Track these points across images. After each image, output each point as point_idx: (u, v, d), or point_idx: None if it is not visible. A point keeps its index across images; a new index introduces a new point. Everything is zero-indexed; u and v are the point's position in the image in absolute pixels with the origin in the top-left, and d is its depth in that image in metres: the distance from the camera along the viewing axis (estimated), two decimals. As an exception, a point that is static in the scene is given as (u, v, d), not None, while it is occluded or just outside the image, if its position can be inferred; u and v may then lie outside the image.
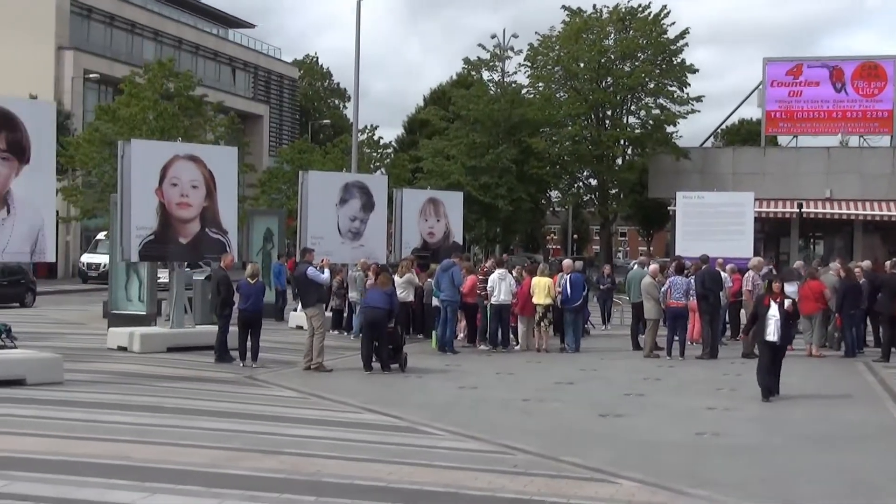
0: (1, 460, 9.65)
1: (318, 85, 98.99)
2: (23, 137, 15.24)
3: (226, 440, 11.02)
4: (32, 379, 14.95)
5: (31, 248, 15.52)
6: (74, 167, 38.82)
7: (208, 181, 20.37)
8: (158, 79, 36.46)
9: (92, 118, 47.16)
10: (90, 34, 63.23)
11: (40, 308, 32.21)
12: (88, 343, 21.31)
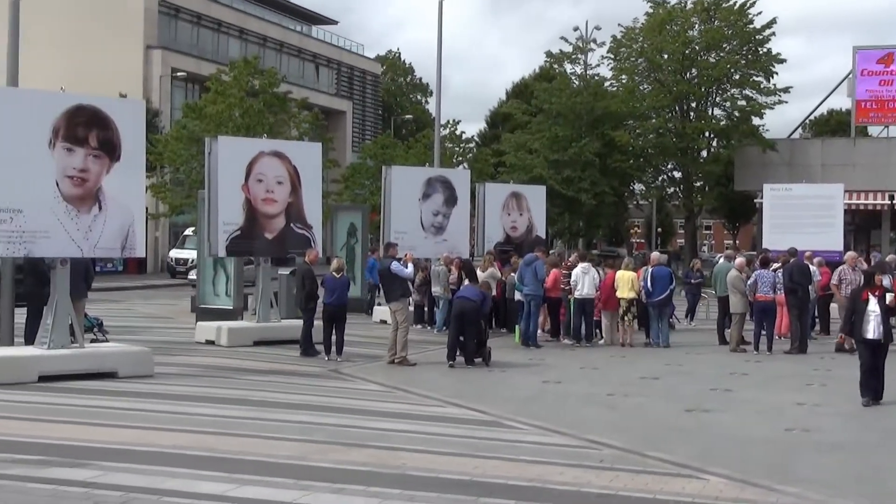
0: (94, 451, 9.86)
1: (401, 80, 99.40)
2: (114, 135, 15.53)
3: (312, 433, 11.12)
4: (124, 372, 15.26)
5: (122, 243, 15.81)
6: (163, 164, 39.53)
7: (293, 177, 20.58)
8: (244, 76, 36.94)
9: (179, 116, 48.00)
10: (178, 33, 64.31)
11: (130, 302, 32.84)
12: (177, 337, 21.69)
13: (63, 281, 15.33)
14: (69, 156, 15.13)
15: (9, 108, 14.90)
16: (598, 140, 49.16)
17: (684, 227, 60.38)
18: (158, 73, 59.99)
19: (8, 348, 16.12)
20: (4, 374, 14.28)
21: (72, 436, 10.62)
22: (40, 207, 14.84)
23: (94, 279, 18.98)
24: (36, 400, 13.04)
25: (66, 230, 15.09)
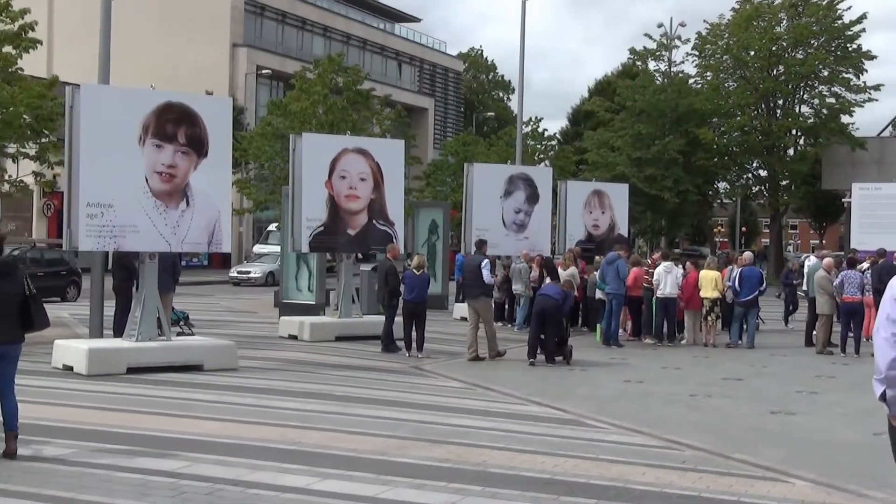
0: (181, 442, 10.04)
1: (483, 77, 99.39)
2: (201, 132, 15.79)
3: (393, 428, 11.19)
4: (209, 365, 15.52)
5: (208, 238, 16.08)
6: (248, 160, 39.98)
7: (376, 174, 20.73)
8: (328, 74, 37.20)
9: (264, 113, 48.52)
10: (263, 31, 65.11)
11: (215, 297, 33.36)
12: (260, 331, 21.97)
13: (151, 275, 15.62)
14: (158, 152, 15.43)
15: (100, 105, 15.23)
16: (681, 138, 48.65)
17: (769, 227, 59.38)
18: (244, 70, 60.82)
19: (98, 340, 16.49)
20: (95, 365, 14.62)
21: (159, 427, 10.82)
22: (130, 203, 15.15)
23: (180, 274, 19.31)
24: (124, 391, 13.31)
25: (154, 225, 15.38)
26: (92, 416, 11.47)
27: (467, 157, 51.51)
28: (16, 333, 9.19)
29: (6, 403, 9.13)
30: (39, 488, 8.05)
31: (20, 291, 9.15)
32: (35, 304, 9.22)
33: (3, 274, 9.07)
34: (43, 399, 12.16)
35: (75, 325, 20.85)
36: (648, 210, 48.86)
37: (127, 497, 7.90)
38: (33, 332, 9.51)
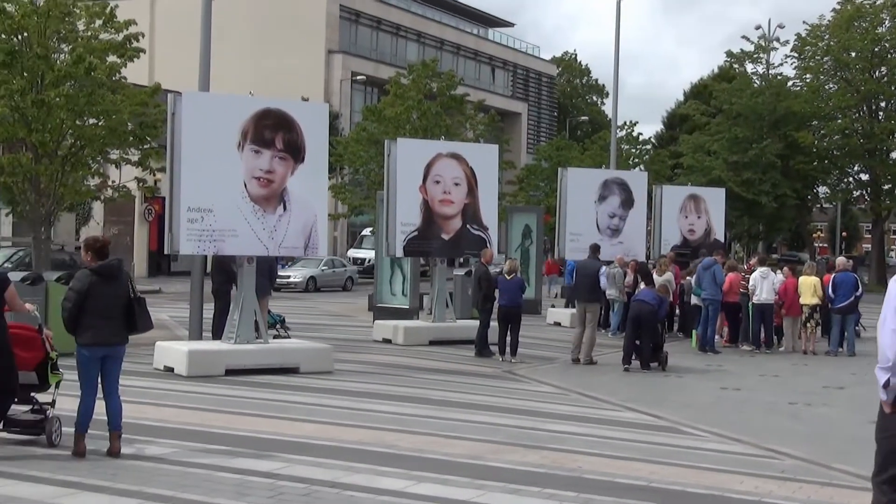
0: (278, 443, 10.18)
1: (576, 81, 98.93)
2: (298, 138, 16.00)
3: (487, 433, 11.19)
4: (305, 367, 15.70)
5: (305, 242, 16.27)
6: (343, 165, 40.42)
7: (470, 178, 20.77)
8: (422, 79, 37.46)
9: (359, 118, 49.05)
10: (357, 38, 65.77)
11: (311, 301, 33.73)
12: (355, 335, 22.16)
13: (249, 278, 15.86)
14: (256, 157, 15.67)
15: (201, 112, 15.53)
16: (779, 141, 47.81)
17: (871, 232, 58.00)
18: (339, 76, 61.50)
19: (197, 342, 16.80)
20: (194, 367, 14.90)
21: (256, 428, 10.98)
22: (229, 207, 15.41)
23: (277, 277, 19.57)
24: (223, 392, 13.54)
25: (252, 229, 15.62)
26: (192, 416, 11.70)
27: (561, 161, 51.29)
28: (121, 335, 9.43)
29: (111, 403, 9.36)
30: (142, 486, 8.24)
31: (125, 294, 9.39)
32: (139, 307, 9.46)
33: (108, 277, 9.30)
34: (145, 399, 12.43)
35: (175, 328, 21.27)
36: (745, 215, 48.09)
37: (226, 496, 8.03)
38: (137, 334, 9.75)
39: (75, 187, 20.78)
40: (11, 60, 18.83)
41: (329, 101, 56.50)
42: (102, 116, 19.91)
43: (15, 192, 19.92)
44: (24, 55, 18.96)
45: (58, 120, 19.19)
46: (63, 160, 19.94)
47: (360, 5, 65.72)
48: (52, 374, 9.56)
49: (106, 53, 19.97)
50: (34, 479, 8.34)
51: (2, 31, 18.97)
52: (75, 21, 20.20)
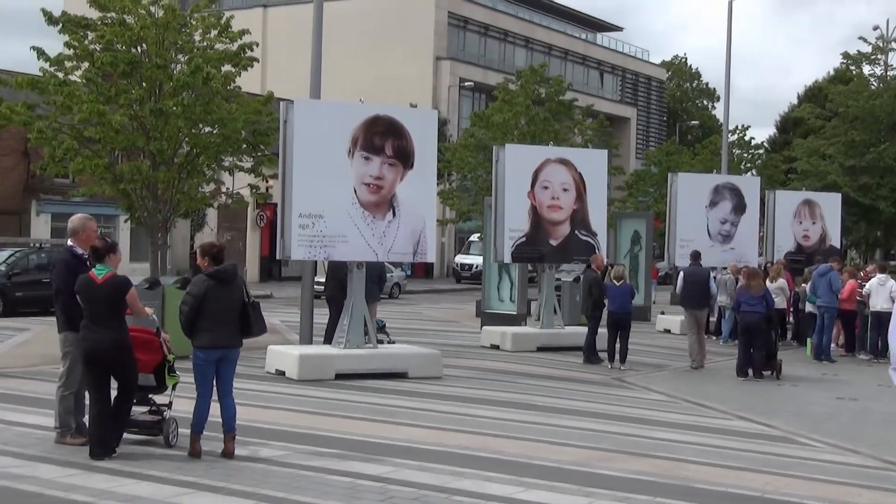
0: (387, 447, 10.26)
1: (686, 85, 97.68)
2: (408, 144, 16.12)
3: (596, 440, 11.12)
4: (414, 373, 15.80)
5: (414, 248, 16.39)
6: (451, 172, 40.58)
7: (578, 184, 20.66)
8: (530, 85, 37.43)
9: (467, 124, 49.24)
10: (466, 44, 66.01)
11: (419, 306, 33.92)
12: (463, 340, 22.21)
13: (359, 284, 16.03)
14: (366, 164, 15.84)
15: (312, 119, 15.77)
16: (898, 145, 46.37)
17: None
18: (447, 83, 61.82)
19: (308, 347, 17.05)
20: (305, 371, 15.12)
21: (366, 432, 11.09)
22: (339, 213, 15.60)
23: (385, 283, 19.72)
24: (333, 396, 13.71)
25: (362, 235, 15.79)
26: (303, 419, 11.87)
27: (671, 166, 50.69)
28: (235, 339, 9.62)
29: (225, 405, 9.56)
30: (256, 487, 8.39)
31: (240, 298, 9.58)
32: (254, 312, 9.65)
33: (223, 282, 9.51)
34: (257, 402, 12.66)
35: (286, 332, 21.61)
36: (862, 220, 46.77)
37: (338, 499, 8.14)
38: (251, 338, 9.94)
39: (191, 194, 21.26)
40: (131, 71, 19.35)
41: (437, 107, 56.83)
42: (218, 125, 20.33)
43: (133, 198, 20.44)
44: (143, 65, 19.48)
45: (175, 128, 19.66)
46: (179, 168, 20.41)
47: (468, 12, 65.99)
48: (170, 377, 9.81)
49: (221, 63, 20.39)
50: (153, 479, 8.56)
51: (122, 43, 19.51)
52: (192, 32, 20.67)
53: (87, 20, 20.24)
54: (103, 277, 9.28)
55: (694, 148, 62.05)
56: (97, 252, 9.42)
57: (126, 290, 9.37)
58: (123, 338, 9.32)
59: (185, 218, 32.00)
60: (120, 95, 19.29)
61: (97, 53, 19.51)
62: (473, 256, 48.73)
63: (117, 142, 19.64)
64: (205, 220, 46.29)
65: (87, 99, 19.15)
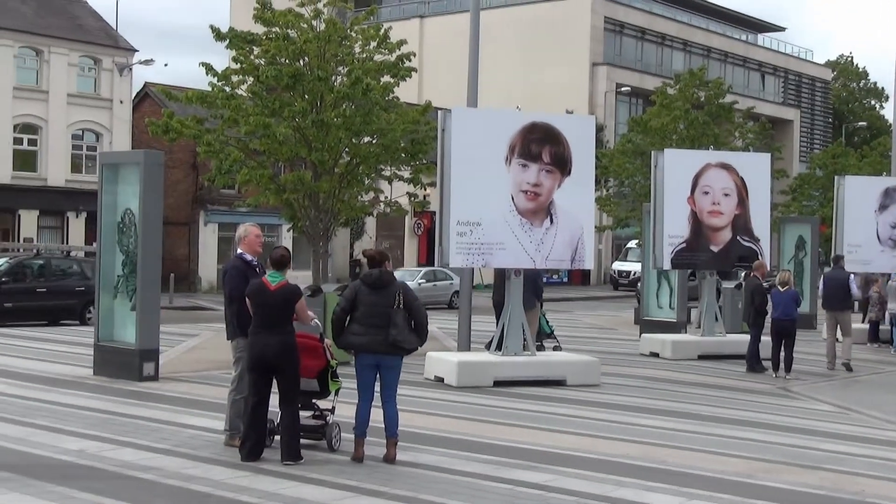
0: (546, 455, 10.24)
1: (853, 85, 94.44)
2: (565, 151, 16.06)
3: (760, 451, 10.84)
4: (572, 380, 15.71)
5: (571, 255, 16.31)
6: (608, 178, 40.22)
7: (740, 189, 20.21)
8: (689, 88, 36.81)
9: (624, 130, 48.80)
10: (622, 49, 65.44)
11: (575, 313, 33.71)
12: (621, 348, 21.98)
13: (517, 291, 16.04)
14: (524, 171, 15.85)
15: (470, 127, 15.88)
16: None
17: None
18: (603, 88, 61.39)
19: (466, 353, 17.15)
20: (464, 377, 15.22)
21: (525, 439, 11.09)
22: (497, 221, 15.65)
23: (542, 290, 19.69)
24: (491, 403, 13.75)
25: (519, 242, 15.80)
26: (462, 426, 11.95)
27: (837, 169, 49.06)
28: (389, 345, 9.69)
29: (387, 411, 9.70)
30: (416, 492, 8.49)
31: (391, 304, 9.66)
32: (399, 321, 9.67)
33: (375, 287, 9.64)
34: (416, 408, 12.79)
35: (444, 339, 21.78)
36: None
37: (497, 506, 8.16)
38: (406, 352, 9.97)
39: (351, 203, 21.64)
40: (294, 84, 19.84)
41: (593, 113, 56.48)
42: (377, 135, 20.67)
43: (296, 208, 20.92)
44: (305, 78, 19.93)
45: (336, 139, 20.04)
46: (340, 177, 20.81)
47: (624, 16, 65.41)
48: (332, 382, 10.02)
49: (380, 74, 20.73)
50: (316, 482, 8.76)
51: (286, 57, 20.02)
52: (352, 44, 21.07)
53: (253, 35, 20.85)
54: (276, 285, 9.54)
55: (861, 150, 59.94)
56: (278, 261, 9.69)
57: (297, 298, 9.62)
58: (292, 342, 9.57)
59: (345, 227, 32.60)
60: (284, 108, 19.80)
61: (262, 67, 20.08)
62: (631, 263, 48.21)
63: (281, 153, 20.17)
64: (364, 229, 47.15)
65: (252, 112, 19.73)
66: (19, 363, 16.58)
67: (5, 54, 39.60)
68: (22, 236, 39.88)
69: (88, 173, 41.12)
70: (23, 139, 40.67)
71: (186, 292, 40.69)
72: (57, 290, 25.86)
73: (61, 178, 41.23)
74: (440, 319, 26.62)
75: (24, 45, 40.44)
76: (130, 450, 9.83)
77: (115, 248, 15.24)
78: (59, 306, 25.63)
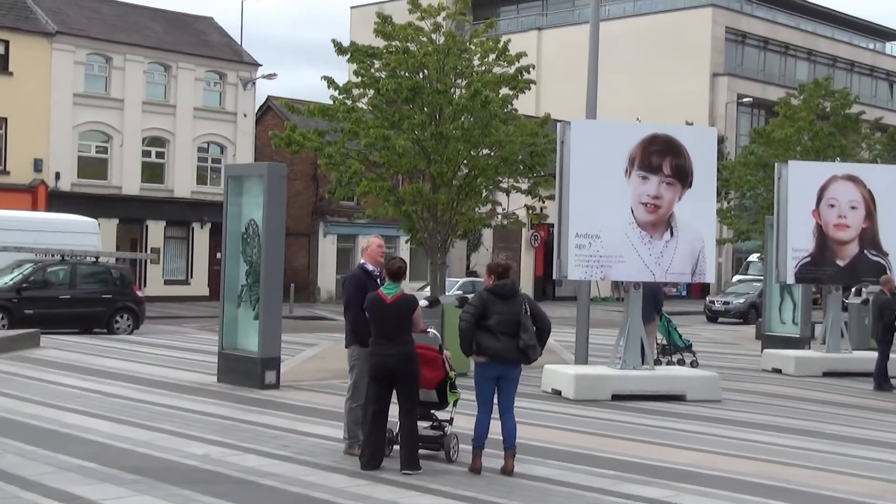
0: (665, 470, 10.10)
1: None
2: (686, 163, 15.85)
3: (889, 472, 10.53)
4: (692, 395, 15.47)
5: (692, 268, 16.08)
6: (728, 190, 39.56)
7: (868, 201, 19.68)
8: (814, 99, 36.00)
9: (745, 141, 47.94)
10: (744, 59, 64.37)
11: (694, 328, 33.10)
12: (742, 363, 21.59)
13: (636, 305, 15.88)
14: (644, 183, 15.70)
15: (589, 139, 15.80)
16: None
17: None
18: (724, 99, 60.45)
19: (584, 367, 17.04)
20: (581, 391, 15.13)
21: (644, 454, 10.96)
22: (616, 233, 15.53)
23: (662, 304, 19.48)
24: (609, 417, 13.64)
25: (639, 255, 15.64)
26: (579, 439, 11.88)
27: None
28: (516, 356, 9.69)
29: (506, 422, 9.69)
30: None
31: (518, 314, 9.66)
32: (526, 330, 9.68)
33: (503, 297, 9.65)
34: (534, 420, 12.75)
35: (561, 352, 21.67)
36: None
37: (616, 521, 8.09)
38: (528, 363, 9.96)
39: (468, 215, 21.75)
40: (413, 96, 20.05)
41: (714, 124, 55.63)
42: (496, 147, 20.75)
43: (415, 220, 21.11)
44: (424, 91, 20.14)
45: (454, 151, 20.17)
46: (458, 189, 20.93)
47: (746, 26, 64.32)
48: (451, 393, 10.05)
49: (499, 86, 20.81)
50: (435, 492, 8.80)
51: (406, 70, 20.26)
52: (471, 57, 21.20)
53: (374, 49, 21.15)
54: (393, 296, 9.64)
55: None
56: (395, 272, 9.79)
57: (413, 309, 9.70)
58: (411, 352, 9.64)
59: (463, 238, 32.78)
60: (403, 120, 20.02)
61: (382, 80, 20.34)
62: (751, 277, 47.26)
63: (400, 165, 20.39)
64: (480, 241, 47.25)
65: (372, 124, 20.01)
66: (147, 369, 17.08)
67: (135, 70, 40.88)
68: (149, 246, 41.06)
69: (213, 185, 42.18)
70: (151, 152, 41.89)
71: (306, 302, 41.38)
72: (82, 297, 25.02)
73: (187, 189, 42.35)
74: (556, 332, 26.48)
75: (153, 61, 41.67)
76: (253, 456, 10.03)
77: (238, 258, 15.58)
78: (85, 314, 24.67)
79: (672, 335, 19.71)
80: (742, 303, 38.56)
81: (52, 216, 32.01)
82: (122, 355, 19.16)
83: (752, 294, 37.48)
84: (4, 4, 38.81)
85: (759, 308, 32.59)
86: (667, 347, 19.65)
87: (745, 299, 38.55)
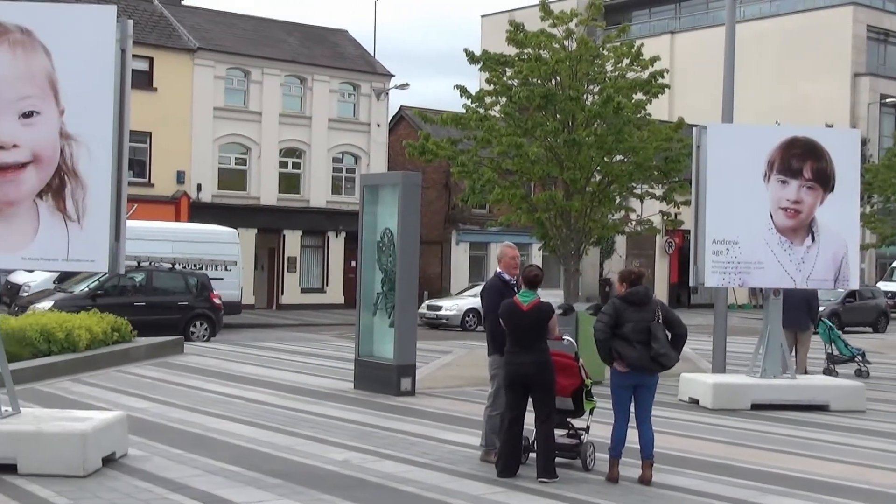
0: (807, 482, 9.86)
1: None
2: (827, 166, 15.42)
3: None
4: (836, 405, 15.04)
5: (835, 274, 15.64)
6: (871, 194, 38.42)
7: None
8: (962, 98, 34.80)
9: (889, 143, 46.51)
10: (887, 58, 62.36)
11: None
12: (888, 373, 20.87)
13: (775, 312, 15.53)
14: (783, 188, 15.33)
15: (726, 143, 15.52)
16: None
17: None
18: (866, 100, 58.67)
19: (722, 375, 16.72)
20: (720, 400, 14.85)
21: (785, 465, 10.71)
22: (754, 239, 15.20)
23: (818, 311, 19.00)
24: (748, 427, 13.35)
25: (778, 261, 15.28)
26: (717, 448, 11.66)
27: None
28: (649, 362, 9.59)
29: (643, 432, 9.60)
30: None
31: (653, 320, 9.56)
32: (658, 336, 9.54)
33: (636, 304, 9.57)
34: (671, 429, 12.58)
35: (698, 360, 21.29)
36: None
37: (758, 533, 7.92)
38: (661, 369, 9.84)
39: (602, 222, 21.61)
40: (546, 104, 20.04)
41: (855, 126, 54.00)
42: (629, 153, 20.57)
43: (548, 227, 21.07)
44: (557, 98, 20.10)
45: (587, 158, 20.07)
46: (592, 196, 20.82)
47: (889, 24, 62.28)
48: (587, 401, 10.01)
49: (632, 91, 20.64)
50: (571, 501, 8.77)
51: (538, 77, 20.26)
52: (604, 62, 21.07)
53: (506, 57, 21.20)
54: (529, 304, 9.65)
55: None
56: (531, 280, 9.80)
57: (549, 317, 9.69)
58: (547, 360, 9.64)
59: (596, 245, 32.60)
60: (536, 128, 20.02)
61: (515, 88, 20.38)
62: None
63: (533, 172, 20.38)
64: (614, 247, 46.86)
65: (505, 132, 20.06)
66: (286, 376, 17.46)
67: (273, 83, 41.85)
68: (286, 255, 41.95)
69: (347, 194, 42.87)
70: (287, 163, 42.80)
71: (439, 310, 41.61)
72: (157, 304, 24.77)
73: (323, 199, 43.12)
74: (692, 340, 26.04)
75: (289, 74, 42.58)
76: (391, 462, 10.16)
77: (374, 266, 15.80)
78: (160, 321, 23.63)
79: (837, 343, 19.23)
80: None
81: (194, 227, 33.06)
82: (262, 362, 19.63)
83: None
84: (149, 22, 40.19)
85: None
86: (834, 356, 19.21)
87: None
